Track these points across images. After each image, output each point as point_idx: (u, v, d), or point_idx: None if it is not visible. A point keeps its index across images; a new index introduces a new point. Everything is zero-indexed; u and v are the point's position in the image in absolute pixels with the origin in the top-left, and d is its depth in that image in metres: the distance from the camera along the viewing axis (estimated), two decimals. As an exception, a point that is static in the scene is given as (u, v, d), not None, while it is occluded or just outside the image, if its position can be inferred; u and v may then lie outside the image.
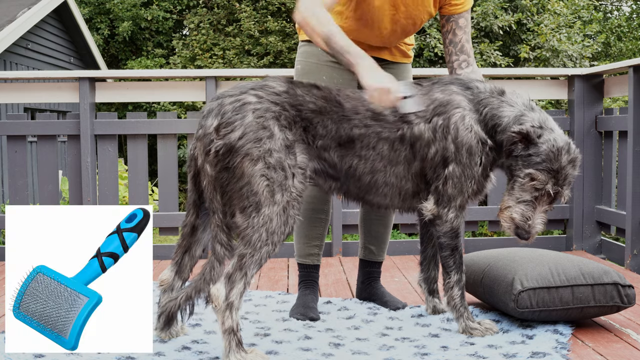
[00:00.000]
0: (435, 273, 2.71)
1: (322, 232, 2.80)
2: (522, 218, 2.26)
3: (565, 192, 2.27)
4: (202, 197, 2.24)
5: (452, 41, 2.58)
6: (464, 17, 2.57)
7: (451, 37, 2.58)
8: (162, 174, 4.15)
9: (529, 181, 2.24)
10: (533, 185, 2.24)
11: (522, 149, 2.25)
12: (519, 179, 2.26)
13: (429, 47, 11.38)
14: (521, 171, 2.25)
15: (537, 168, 2.22)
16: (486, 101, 2.34)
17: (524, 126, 2.24)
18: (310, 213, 2.74)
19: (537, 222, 2.27)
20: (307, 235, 2.78)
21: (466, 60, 2.58)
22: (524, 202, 2.26)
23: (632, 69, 3.62)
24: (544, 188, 2.23)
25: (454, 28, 2.57)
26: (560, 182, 2.24)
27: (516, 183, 2.27)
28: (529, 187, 2.24)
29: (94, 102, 4.11)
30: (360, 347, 2.28)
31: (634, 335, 2.41)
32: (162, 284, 2.32)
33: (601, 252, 4.14)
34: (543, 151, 2.22)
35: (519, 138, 2.24)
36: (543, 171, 2.22)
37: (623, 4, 21.23)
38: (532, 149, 2.23)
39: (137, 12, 14.91)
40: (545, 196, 2.25)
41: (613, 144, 4.11)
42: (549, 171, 2.22)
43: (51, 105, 12.23)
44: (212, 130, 2.11)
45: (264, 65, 12.69)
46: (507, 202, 2.30)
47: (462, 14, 2.57)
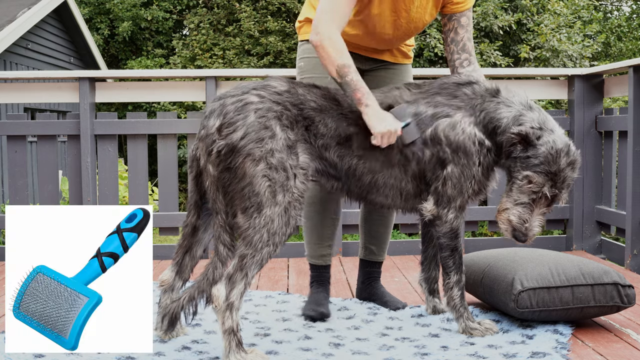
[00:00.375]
0: (436, 273, 2.71)
1: (333, 232, 2.80)
2: (519, 220, 2.26)
3: (563, 195, 2.26)
4: (203, 197, 2.24)
5: (454, 40, 2.57)
6: (465, 16, 2.57)
7: (453, 36, 2.57)
8: (162, 174, 4.15)
9: (526, 183, 2.23)
10: (530, 187, 2.23)
11: (521, 151, 2.24)
12: (517, 181, 2.25)
13: (429, 47, 11.38)
14: (519, 173, 2.25)
15: (535, 170, 2.22)
16: (481, 105, 2.33)
17: (523, 127, 2.24)
18: (322, 214, 2.74)
19: (534, 224, 2.26)
20: (320, 236, 2.77)
21: (467, 58, 2.57)
22: (521, 204, 2.26)
23: (632, 69, 3.62)
24: (542, 191, 2.23)
25: (456, 27, 2.56)
26: (558, 185, 2.23)
27: (514, 185, 2.27)
28: (526, 189, 2.24)
29: (94, 102, 4.11)
30: (360, 347, 2.28)
31: (634, 335, 2.41)
32: (163, 285, 2.32)
33: (601, 252, 4.14)
34: (541, 153, 2.21)
35: (518, 139, 2.23)
36: (541, 174, 2.21)
37: (623, 4, 21.23)
38: (530, 151, 2.23)
39: (137, 12, 14.91)
40: (542, 199, 2.25)
41: (613, 144, 4.11)
42: (546, 174, 2.21)
43: (51, 105, 12.22)
44: (215, 130, 2.12)
45: (264, 65, 12.69)
46: (505, 204, 2.30)
47: (464, 12, 2.56)
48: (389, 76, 2.73)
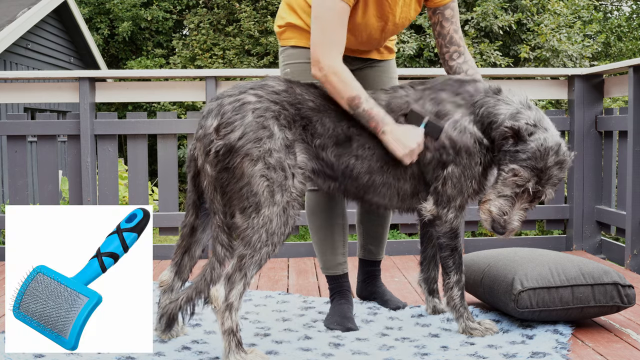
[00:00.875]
0: (435, 273, 2.71)
1: (344, 237, 2.71)
2: (499, 212, 2.26)
3: (547, 192, 2.26)
4: (201, 197, 2.24)
5: (441, 33, 2.57)
6: (449, 8, 2.55)
7: (439, 30, 2.57)
8: (162, 174, 4.15)
9: (511, 176, 2.23)
10: (515, 181, 2.23)
11: (512, 145, 2.25)
12: (503, 173, 2.26)
13: (429, 47, 11.38)
14: (506, 166, 2.25)
15: (522, 165, 2.22)
16: (481, 102, 2.34)
17: (517, 122, 2.25)
18: (330, 221, 2.65)
19: (513, 218, 2.26)
20: (333, 244, 2.67)
21: (457, 50, 2.57)
22: (503, 196, 2.26)
23: (632, 69, 3.62)
24: (525, 185, 2.23)
25: (441, 20, 2.55)
26: (543, 182, 2.23)
27: (500, 177, 2.27)
28: (510, 182, 2.24)
29: (94, 102, 4.10)
30: (360, 347, 2.28)
31: (634, 335, 2.41)
32: (162, 285, 2.32)
33: (601, 252, 4.14)
34: (530, 149, 2.22)
35: (510, 133, 2.24)
36: (527, 168, 2.22)
37: (623, 4, 21.23)
38: (520, 145, 2.23)
39: (137, 12, 14.92)
40: (525, 194, 2.25)
41: (613, 144, 4.11)
42: (532, 169, 2.21)
43: (51, 105, 12.23)
44: (212, 130, 2.11)
45: (264, 65, 12.69)
46: (488, 196, 2.30)
47: (447, 4, 2.55)
48: (376, 74, 2.71)
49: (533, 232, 8.76)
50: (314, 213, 2.66)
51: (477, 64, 10.83)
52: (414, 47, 11.14)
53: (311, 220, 2.68)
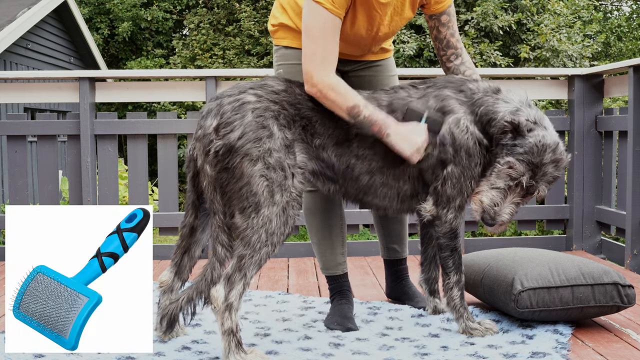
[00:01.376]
0: (436, 273, 2.71)
1: (343, 237, 2.71)
2: (490, 203, 2.25)
3: (540, 188, 2.25)
4: (201, 197, 2.24)
5: (437, 37, 2.59)
6: (445, 14, 2.56)
7: (436, 34, 2.59)
8: (162, 174, 4.15)
9: (506, 168, 2.23)
10: (509, 173, 2.23)
11: (510, 139, 2.25)
12: (498, 165, 2.26)
13: (429, 47, 11.38)
14: (502, 158, 2.25)
15: (518, 158, 2.22)
16: (481, 101, 2.34)
17: (517, 117, 2.25)
18: (328, 221, 2.65)
19: (504, 210, 2.25)
20: (332, 245, 2.68)
21: (454, 52, 2.58)
22: (496, 188, 2.26)
23: (632, 69, 3.62)
24: (519, 179, 2.23)
25: (437, 25, 2.57)
26: (537, 177, 2.23)
27: (494, 170, 2.27)
28: (504, 174, 2.24)
29: (94, 102, 4.11)
30: (360, 347, 2.28)
31: (634, 335, 2.41)
32: (162, 285, 2.32)
33: (601, 252, 4.14)
34: (528, 143, 2.22)
35: (509, 128, 2.24)
36: (523, 162, 2.22)
37: (623, 4, 21.24)
38: (518, 140, 2.23)
39: (137, 12, 14.92)
40: (519, 187, 2.24)
41: (613, 144, 4.11)
42: (528, 163, 2.22)
43: (51, 105, 12.23)
44: (212, 130, 2.11)
45: (264, 65, 12.69)
46: (481, 187, 2.30)
47: (443, 11, 2.56)
48: (372, 74, 2.71)
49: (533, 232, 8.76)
50: (312, 214, 2.66)
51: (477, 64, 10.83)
52: (414, 47, 11.13)
53: (309, 221, 2.68)
